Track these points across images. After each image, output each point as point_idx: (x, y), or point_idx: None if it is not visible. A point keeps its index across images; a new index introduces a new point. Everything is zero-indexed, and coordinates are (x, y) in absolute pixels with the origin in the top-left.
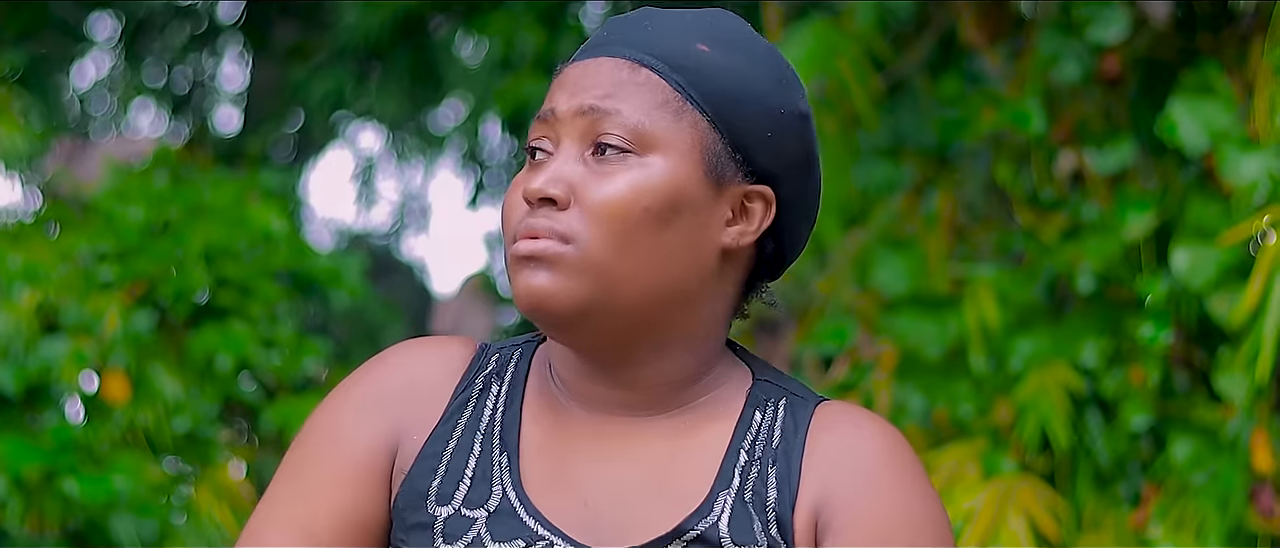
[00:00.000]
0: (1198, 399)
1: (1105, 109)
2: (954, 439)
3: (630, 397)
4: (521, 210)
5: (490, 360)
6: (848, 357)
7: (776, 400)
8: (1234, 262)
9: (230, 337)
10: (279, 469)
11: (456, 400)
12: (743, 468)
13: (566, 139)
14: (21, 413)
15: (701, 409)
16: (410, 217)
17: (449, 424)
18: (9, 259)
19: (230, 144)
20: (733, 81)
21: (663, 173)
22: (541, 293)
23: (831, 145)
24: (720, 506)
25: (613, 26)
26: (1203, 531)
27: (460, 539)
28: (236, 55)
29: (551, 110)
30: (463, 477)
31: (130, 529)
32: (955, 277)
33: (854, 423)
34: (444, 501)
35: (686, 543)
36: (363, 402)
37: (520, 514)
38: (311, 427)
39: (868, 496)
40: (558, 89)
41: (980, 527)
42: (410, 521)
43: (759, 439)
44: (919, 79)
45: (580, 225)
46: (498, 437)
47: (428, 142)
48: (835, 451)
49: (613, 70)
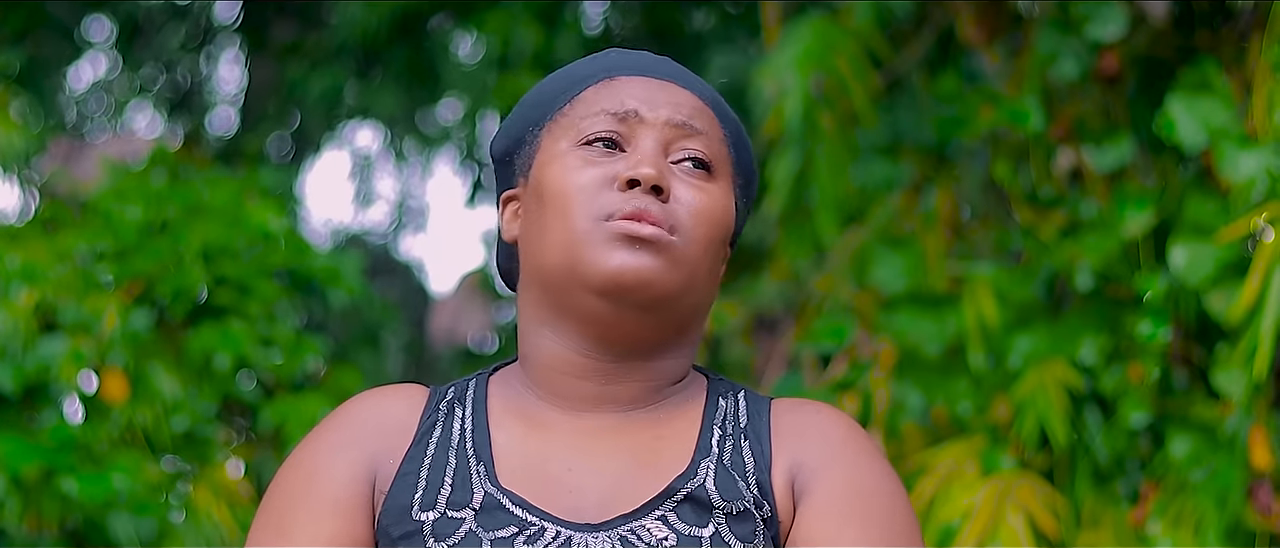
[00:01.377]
0: (1197, 396)
1: (1104, 107)
2: (953, 437)
3: (622, 392)
4: (608, 191)
5: (448, 392)
6: (846, 355)
7: (735, 392)
8: (1232, 259)
9: (228, 336)
10: (256, 521)
11: (424, 425)
12: (719, 441)
13: (648, 141)
14: (20, 412)
15: (672, 404)
16: (407, 216)
17: (421, 445)
18: (7, 259)
19: (227, 144)
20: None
21: (727, 199)
22: (647, 272)
23: (830, 143)
24: (704, 470)
25: (653, 61)
26: (1201, 528)
27: (449, 538)
28: (233, 55)
29: (634, 111)
30: (442, 485)
31: (129, 528)
32: (954, 275)
33: (814, 407)
34: (428, 507)
35: (677, 503)
36: (334, 443)
37: (507, 506)
38: (284, 476)
39: (839, 464)
40: (624, 94)
41: (979, 524)
42: (396, 533)
43: (728, 419)
44: (917, 77)
45: (683, 220)
46: (471, 449)
47: (425, 140)
48: (801, 427)
49: (690, 99)
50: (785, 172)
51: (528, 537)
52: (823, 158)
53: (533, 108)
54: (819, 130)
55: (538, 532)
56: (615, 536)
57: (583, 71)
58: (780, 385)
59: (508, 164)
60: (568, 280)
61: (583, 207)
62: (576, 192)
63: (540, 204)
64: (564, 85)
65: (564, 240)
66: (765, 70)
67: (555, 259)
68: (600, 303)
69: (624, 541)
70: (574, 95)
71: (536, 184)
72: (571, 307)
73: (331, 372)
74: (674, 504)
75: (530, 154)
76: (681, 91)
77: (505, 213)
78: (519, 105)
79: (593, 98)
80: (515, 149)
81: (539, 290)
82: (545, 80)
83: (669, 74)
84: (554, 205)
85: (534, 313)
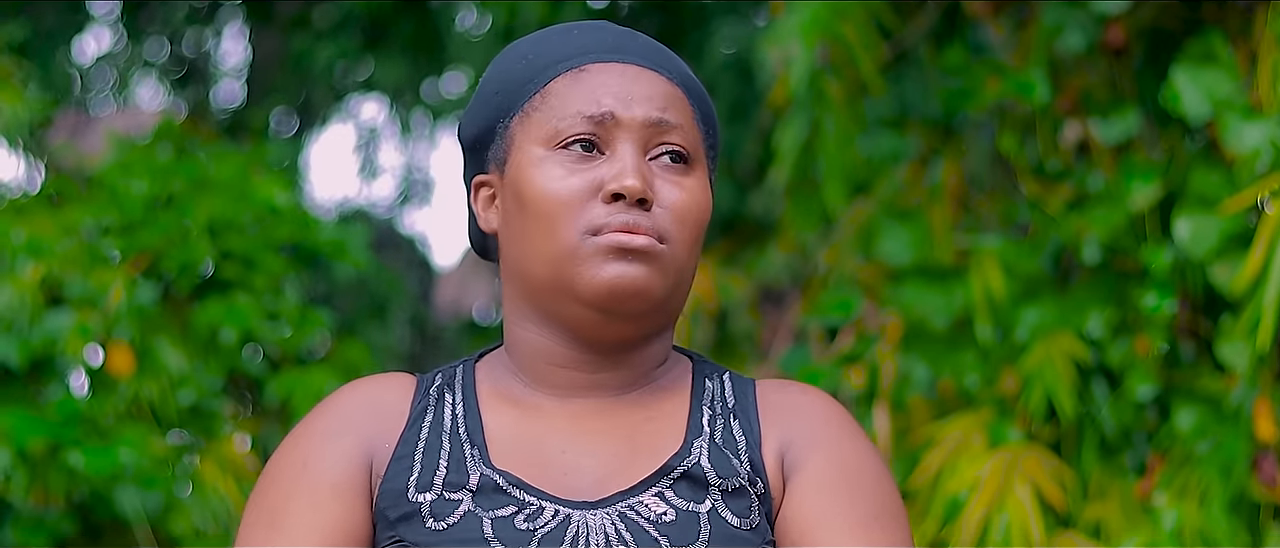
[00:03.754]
0: (1203, 369)
1: (1110, 79)
2: (960, 409)
3: (611, 378)
4: (592, 203)
5: (436, 378)
6: (853, 328)
7: (719, 374)
8: (1236, 230)
9: (234, 309)
10: (247, 515)
11: (416, 410)
12: (710, 421)
13: (627, 142)
14: (26, 386)
15: (659, 385)
16: (413, 189)
17: (414, 429)
18: (13, 233)
19: (233, 117)
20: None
21: (705, 186)
22: (641, 283)
23: (837, 114)
24: (697, 449)
25: (620, 36)
26: (1206, 499)
27: (448, 517)
28: (238, 28)
29: (610, 114)
30: (437, 468)
31: (135, 502)
32: (960, 247)
33: (799, 388)
34: (424, 489)
35: (674, 480)
36: (327, 430)
37: (504, 487)
38: (275, 467)
39: (827, 443)
40: (601, 91)
41: (986, 496)
42: (394, 515)
43: (716, 400)
44: (923, 49)
45: (669, 227)
46: (464, 433)
47: (430, 111)
48: (788, 406)
49: (660, 83)
50: (792, 140)
51: (527, 515)
52: (830, 127)
53: (500, 95)
54: (826, 99)
55: (536, 511)
56: (614, 512)
57: (548, 55)
58: (787, 359)
59: (477, 152)
60: (555, 291)
61: (568, 220)
62: (560, 205)
63: (521, 210)
64: (529, 72)
65: (550, 254)
66: (770, 37)
67: (541, 271)
68: (590, 313)
69: (623, 517)
70: (542, 85)
71: (515, 187)
72: (558, 313)
73: (337, 345)
74: (671, 481)
75: (503, 148)
76: (655, 79)
77: (477, 199)
78: (483, 88)
79: (565, 93)
80: (485, 138)
81: (523, 291)
82: (508, 60)
83: (638, 57)
84: (537, 216)
85: (517, 307)
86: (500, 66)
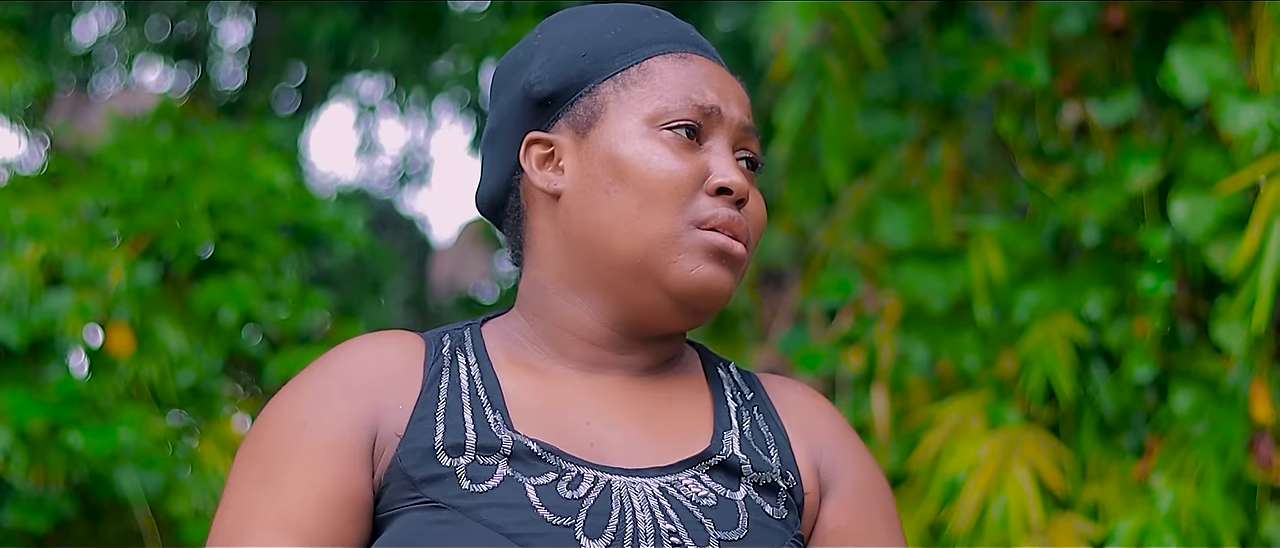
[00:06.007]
0: (1202, 351)
1: (1109, 60)
2: (959, 391)
3: (637, 360)
4: (697, 190)
5: (443, 339)
6: (852, 309)
7: (724, 364)
8: (1233, 211)
9: (234, 290)
10: (236, 471)
11: (431, 372)
12: (736, 413)
13: (723, 140)
14: (26, 366)
15: (675, 370)
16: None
17: (432, 390)
18: (13, 213)
19: (233, 97)
20: None
21: None
22: (727, 289)
23: (838, 92)
24: (730, 440)
25: (699, 40)
26: (1203, 481)
27: (487, 481)
28: (239, 8)
29: (717, 108)
30: (464, 431)
31: (135, 482)
32: (960, 229)
33: (805, 391)
34: (455, 452)
35: (711, 468)
36: (326, 391)
37: (538, 453)
38: (271, 425)
39: (853, 458)
40: (705, 84)
41: (985, 477)
42: (420, 475)
43: (736, 391)
44: (923, 31)
45: (753, 234)
46: (484, 397)
47: (429, 88)
48: (802, 408)
49: (744, 94)
50: (792, 116)
51: (569, 482)
52: (831, 102)
53: (587, 58)
54: (827, 75)
55: (576, 478)
56: (655, 484)
57: (640, 32)
58: (786, 340)
59: (546, 108)
60: (637, 269)
61: (674, 204)
62: (671, 186)
63: (618, 180)
64: (622, 43)
65: (648, 233)
66: (770, 12)
67: (629, 246)
68: (667, 302)
69: (664, 492)
70: (640, 61)
71: (610, 155)
72: (624, 290)
73: (336, 326)
74: (707, 467)
75: (590, 110)
76: (739, 87)
77: (530, 155)
78: (561, 47)
79: (668, 74)
80: (563, 94)
81: (582, 259)
82: (592, 26)
83: (720, 61)
84: (640, 190)
85: (562, 274)
86: (583, 30)
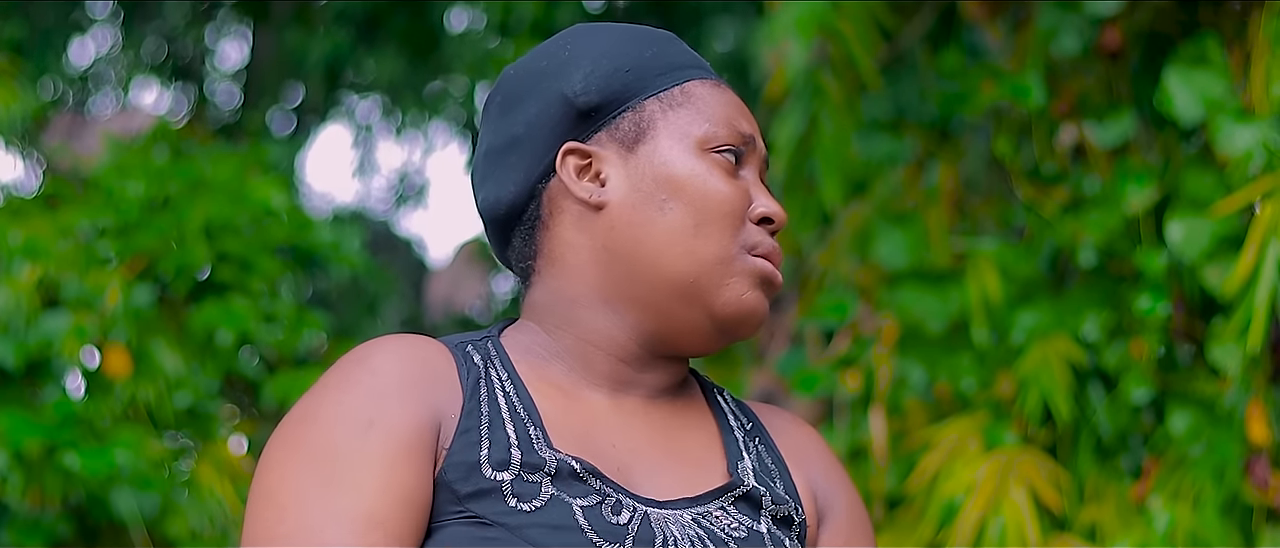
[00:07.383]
0: (1199, 372)
1: (1106, 82)
2: (956, 413)
3: (654, 379)
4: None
5: (469, 350)
6: (849, 330)
7: (718, 389)
8: (1228, 232)
9: (231, 312)
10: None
11: (468, 383)
12: (744, 443)
13: (754, 169)
14: (22, 388)
15: (681, 393)
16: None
17: (474, 401)
18: (9, 235)
19: (230, 119)
20: None
21: None
22: (764, 317)
23: (835, 113)
24: (745, 472)
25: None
26: (1199, 502)
27: (534, 500)
28: (236, 30)
29: (752, 137)
30: (510, 447)
31: (131, 503)
32: (957, 250)
33: (794, 420)
34: (501, 468)
35: (735, 500)
36: (385, 389)
37: (580, 473)
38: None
39: (842, 487)
40: (738, 113)
41: (982, 498)
42: (465, 490)
43: (737, 420)
44: (919, 52)
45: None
46: (522, 413)
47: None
48: (793, 437)
49: None
50: (788, 136)
51: (611, 506)
52: (827, 123)
53: (631, 74)
54: (824, 94)
55: (617, 504)
56: (687, 516)
57: (674, 55)
58: (784, 361)
59: (589, 116)
60: (685, 288)
61: (730, 227)
62: (729, 209)
63: (674, 197)
64: (662, 64)
65: (703, 253)
66: (766, 33)
67: (683, 266)
68: (708, 324)
69: (697, 522)
70: (681, 83)
71: (666, 172)
72: (663, 308)
73: (333, 347)
74: (732, 499)
75: (637, 126)
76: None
77: (566, 164)
78: (603, 60)
79: (709, 99)
80: (608, 106)
81: (622, 274)
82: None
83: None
84: (697, 210)
85: (595, 288)
86: (621, 45)
